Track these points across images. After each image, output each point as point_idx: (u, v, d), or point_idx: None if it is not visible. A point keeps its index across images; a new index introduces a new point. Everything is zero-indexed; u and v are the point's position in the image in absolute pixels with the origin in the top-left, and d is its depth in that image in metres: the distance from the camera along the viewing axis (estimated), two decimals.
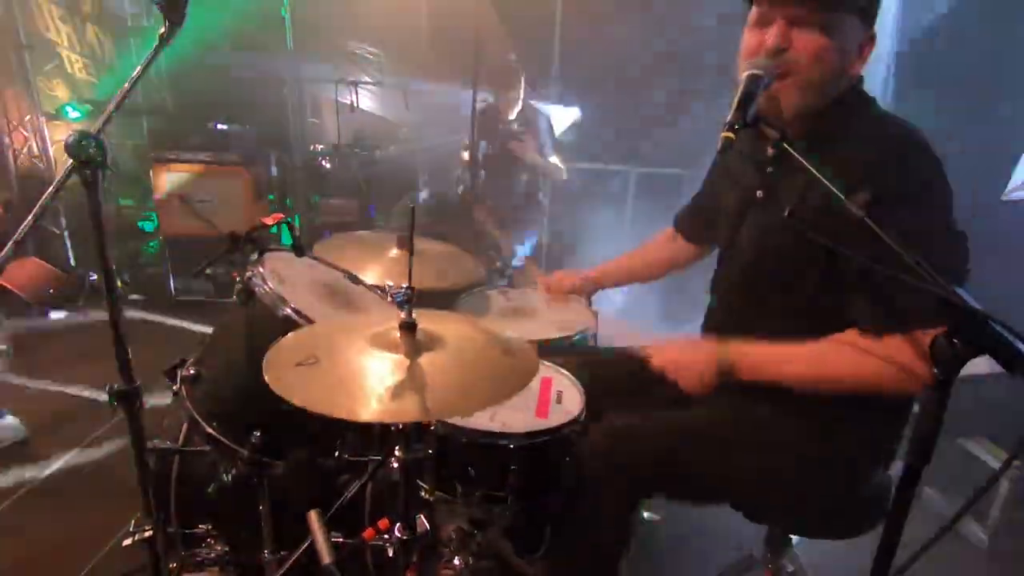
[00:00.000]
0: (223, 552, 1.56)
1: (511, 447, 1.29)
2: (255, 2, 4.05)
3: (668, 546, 1.89)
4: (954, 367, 0.77)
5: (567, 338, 1.72)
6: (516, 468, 1.29)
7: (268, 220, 1.40)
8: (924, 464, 0.83)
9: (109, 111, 1.00)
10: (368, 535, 1.23)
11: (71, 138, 0.92)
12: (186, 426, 1.52)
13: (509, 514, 1.34)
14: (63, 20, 4.23)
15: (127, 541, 1.19)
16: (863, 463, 1.28)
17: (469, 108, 3.32)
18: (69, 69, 4.35)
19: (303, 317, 1.30)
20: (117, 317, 1.05)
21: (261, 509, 1.44)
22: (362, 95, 4.26)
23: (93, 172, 0.95)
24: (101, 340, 1.04)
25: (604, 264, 1.94)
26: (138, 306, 3.74)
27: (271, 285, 1.33)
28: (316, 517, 1.19)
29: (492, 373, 1.04)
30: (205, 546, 1.57)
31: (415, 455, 1.13)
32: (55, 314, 3.58)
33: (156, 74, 4.44)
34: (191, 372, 1.41)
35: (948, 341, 0.77)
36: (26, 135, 4.00)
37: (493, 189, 3.62)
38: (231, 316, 1.43)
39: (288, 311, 1.30)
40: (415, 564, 1.23)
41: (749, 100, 1.00)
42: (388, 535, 1.19)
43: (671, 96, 4.20)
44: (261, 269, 1.37)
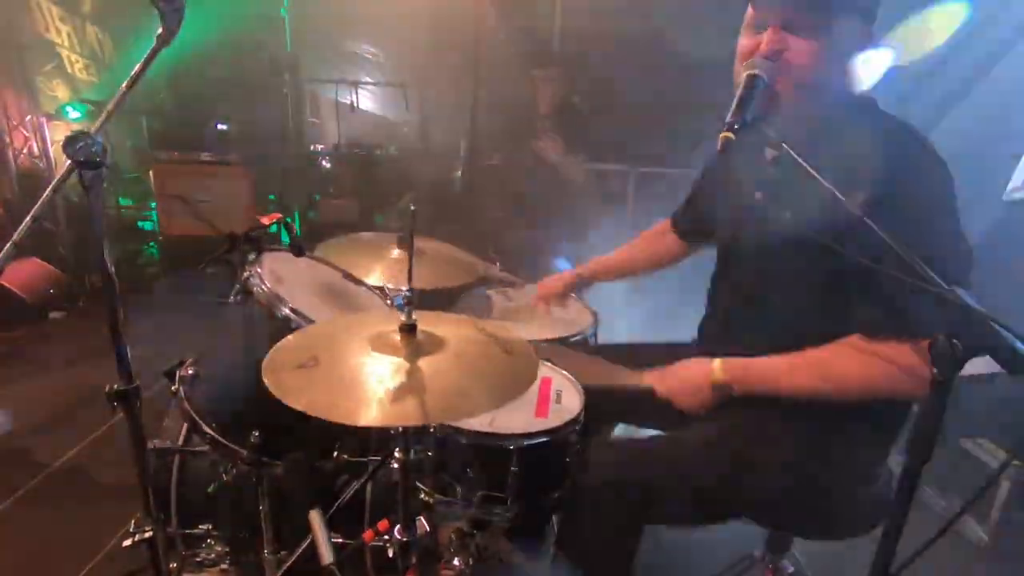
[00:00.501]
0: (223, 552, 1.56)
1: (511, 448, 1.28)
2: (255, 2, 4.05)
3: (668, 546, 1.89)
4: (954, 367, 0.77)
5: (567, 338, 1.72)
6: (516, 469, 1.29)
7: (266, 220, 1.40)
8: (924, 464, 0.83)
9: (109, 111, 1.00)
10: (368, 537, 1.23)
11: (70, 138, 0.92)
12: (186, 426, 1.52)
13: (509, 515, 1.34)
14: (63, 20, 4.23)
15: (127, 541, 1.19)
16: (862, 464, 1.27)
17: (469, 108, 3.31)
18: (69, 69, 4.35)
19: (301, 317, 1.29)
20: (116, 317, 1.05)
21: (261, 509, 1.44)
22: (362, 95, 4.26)
23: (92, 172, 0.95)
24: (100, 340, 1.04)
25: (594, 260, 1.92)
26: (137, 306, 3.74)
27: (269, 285, 1.33)
28: (317, 517, 1.19)
29: (492, 375, 1.04)
30: (205, 546, 1.57)
31: (415, 456, 1.13)
32: (55, 314, 3.59)
33: (156, 74, 4.43)
34: (190, 372, 1.41)
35: (948, 341, 0.77)
36: (26, 135, 4.00)
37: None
38: (230, 316, 1.43)
39: (286, 311, 1.30)
40: (415, 565, 1.23)
41: (748, 100, 1.00)
42: (388, 536, 1.19)
43: (672, 95, 4.19)
44: (259, 269, 1.37)
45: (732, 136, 0.95)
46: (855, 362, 1.11)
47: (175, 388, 1.43)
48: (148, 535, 1.18)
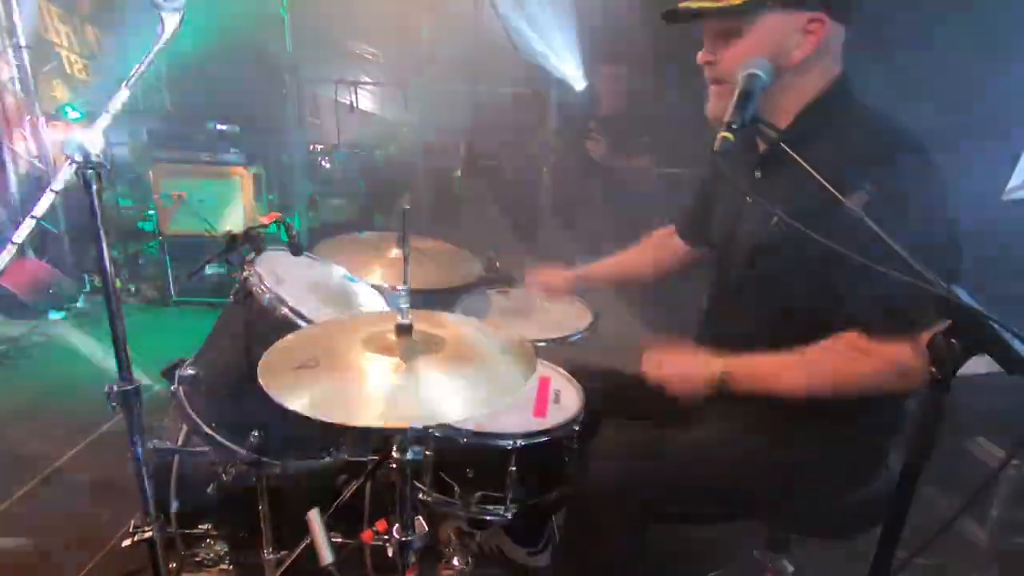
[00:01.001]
0: (223, 552, 1.56)
1: (509, 447, 1.28)
2: (255, 2, 4.05)
3: (668, 546, 1.89)
4: (952, 366, 0.77)
5: (567, 338, 1.72)
6: (514, 468, 1.29)
7: (265, 219, 1.40)
8: (923, 463, 0.83)
9: (108, 111, 1.00)
10: (367, 537, 1.23)
11: (70, 139, 0.92)
12: (186, 426, 1.52)
13: (508, 514, 1.34)
14: (62, 20, 4.23)
15: (127, 541, 1.19)
16: (861, 464, 1.27)
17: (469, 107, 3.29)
18: (68, 69, 4.35)
19: (300, 317, 1.29)
20: (116, 317, 1.05)
21: (261, 509, 1.44)
22: (362, 95, 4.26)
23: (92, 172, 0.95)
24: (100, 340, 1.04)
25: (595, 263, 1.87)
26: (137, 306, 3.74)
27: (268, 285, 1.33)
28: (316, 517, 1.19)
29: (490, 376, 1.04)
30: (205, 546, 1.57)
31: (413, 456, 1.13)
32: (55, 314, 3.59)
33: (156, 74, 4.44)
34: (189, 372, 1.41)
35: (946, 340, 0.77)
36: (25, 135, 4.00)
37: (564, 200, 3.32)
38: (229, 316, 1.43)
39: (286, 310, 1.30)
40: (414, 565, 1.23)
41: (747, 100, 1.00)
42: (387, 536, 1.19)
43: (673, 95, 4.17)
44: (259, 269, 1.37)
45: (731, 137, 0.95)
46: (846, 361, 1.11)
47: (175, 388, 1.43)
48: (148, 535, 1.18)
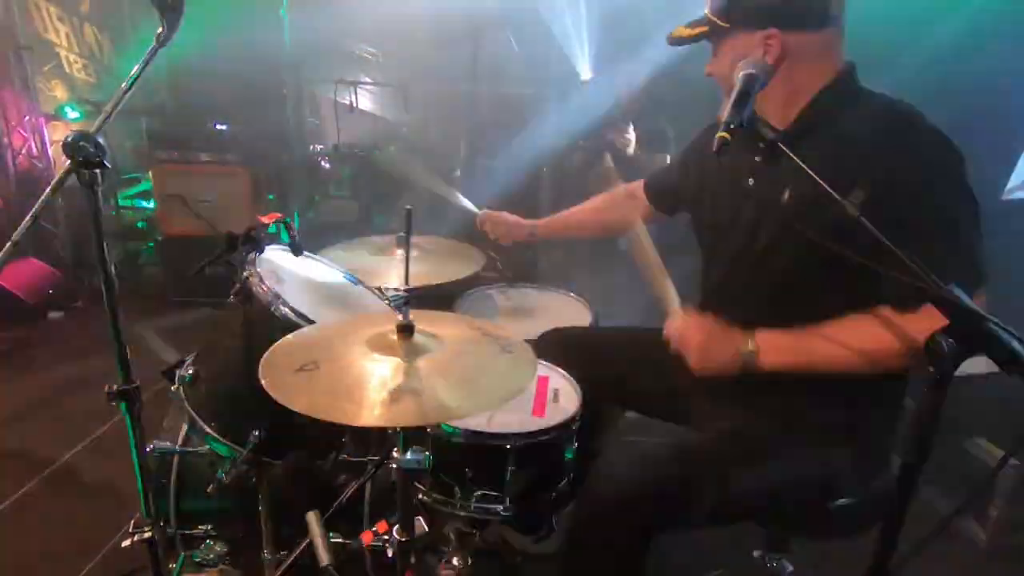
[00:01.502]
0: (223, 552, 1.56)
1: (508, 447, 1.29)
2: (255, 2, 4.05)
3: (668, 546, 1.89)
4: (951, 366, 0.77)
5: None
6: (513, 468, 1.29)
7: (265, 219, 1.40)
8: (922, 463, 0.83)
9: (108, 111, 1.00)
10: (366, 539, 1.24)
11: (69, 138, 0.92)
12: (185, 426, 1.52)
13: (507, 514, 1.34)
14: (61, 20, 4.23)
15: (127, 541, 1.19)
16: (861, 463, 1.28)
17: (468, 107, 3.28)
18: (68, 69, 4.35)
19: (301, 317, 1.30)
20: (116, 317, 1.05)
21: (261, 509, 1.44)
22: (361, 95, 4.26)
23: (92, 172, 0.95)
24: (100, 340, 1.04)
25: (550, 218, 1.93)
26: (137, 306, 3.74)
27: (269, 285, 1.33)
28: (315, 518, 1.19)
29: (490, 375, 1.04)
30: (205, 546, 1.57)
31: (413, 456, 1.13)
32: (55, 314, 3.59)
33: (155, 74, 4.43)
34: (189, 372, 1.42)
35: (945, 340, 0.77)
36: (25, 135, 4.00)
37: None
38: (229, 316, 1.43)
39: (286, 311, 1.30)
40: (414, 565, 1.23)
41: (745, 99, 1.00)
42: (387, 537, 1.19)
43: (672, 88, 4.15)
44: (259, 269, 1.37)
45: (728, 136, 0.95)
46: (884, 334, 1.09)
47: (175, 388, 1.43)
48: (148, 535, 1.18)
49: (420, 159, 4.14)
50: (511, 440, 1.29)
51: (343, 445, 1.50)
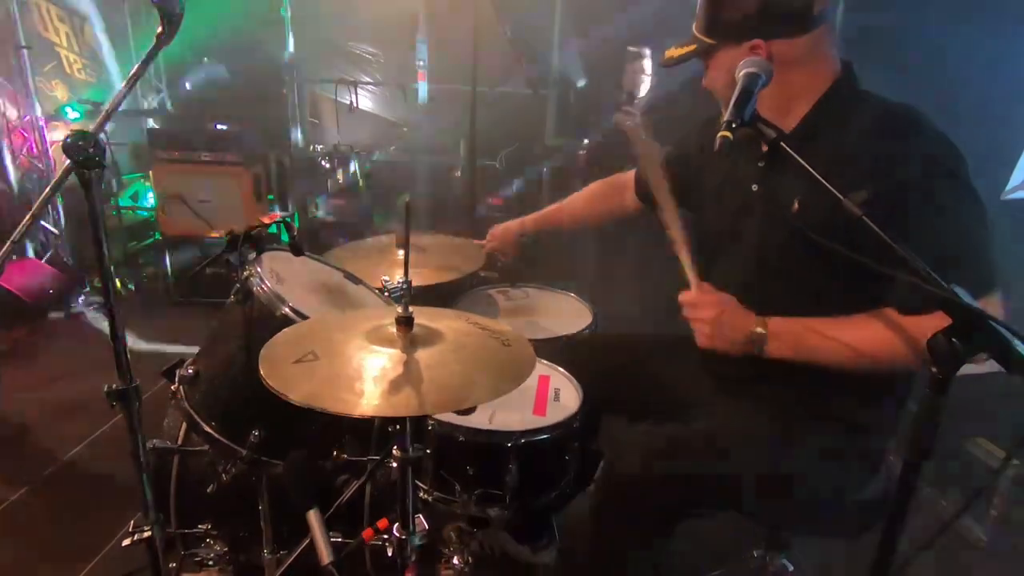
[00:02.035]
0: (223, 552, 1.56)
1: (509, 445, 1.29)
2: (255, 2, 4.05)
3: (668, 546, 1.89)
4: (953, 366, 0.77)
5: (567, 337, 1.72)
6: (515, 467, 1.29)
7: (266, 219, 1.40)
8: (923, 463, 0.83)
9: (107, 111, 1.00)
10: (367, 536, 1.24)
11: (69, 138, 0.92)
12: (185, 426, 1.52)
13: (508, 513, 1.34)
14: (61, 20, 4.23)
15: (127, 541, 1.19)
16: (862, 463, 1.28)
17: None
18: (68, 69, 4.34)
19: (301, 316, 1.30)
20: (116, 317, 1.05)
21: (261, 509, 1.44)
22: (362, 95, 4.26)
23: (91, 172, 0.95)
24: (100, 340, 1.04)
25: (541, 212, 1.93)
26: (137, 306, 3.74)
27: (269, 284, 1.33)
28: (315, 517, 1.19)
29: (490, 367, 1.04)
30: (205, 546, 1.57)
31: (414, 455, 1.13)
32: (54, 314, 3.58)
33: (155, 74, 4.44)
34: (189, 372, 1.41)
35: (947, 340, 0.77)
36: (25, 135, 4.00)
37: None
38: (229, 316, 1.43)
39: (286, 310, 1.30)
40: (414, 564, 1.23)
41: (746, 98, 1.00)
42: (387, 535, 1.19)
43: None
44: (259, 268, 1.37)
45: (730, 136, 0.95)
46: (891, 333, 1.09)
47: (175, 388, 1.43)
48: (148, 535, 1.18)
49: (420, 159, 4.15)
50: (512, 438, 1.29)
51: (344, 444, 1.50)
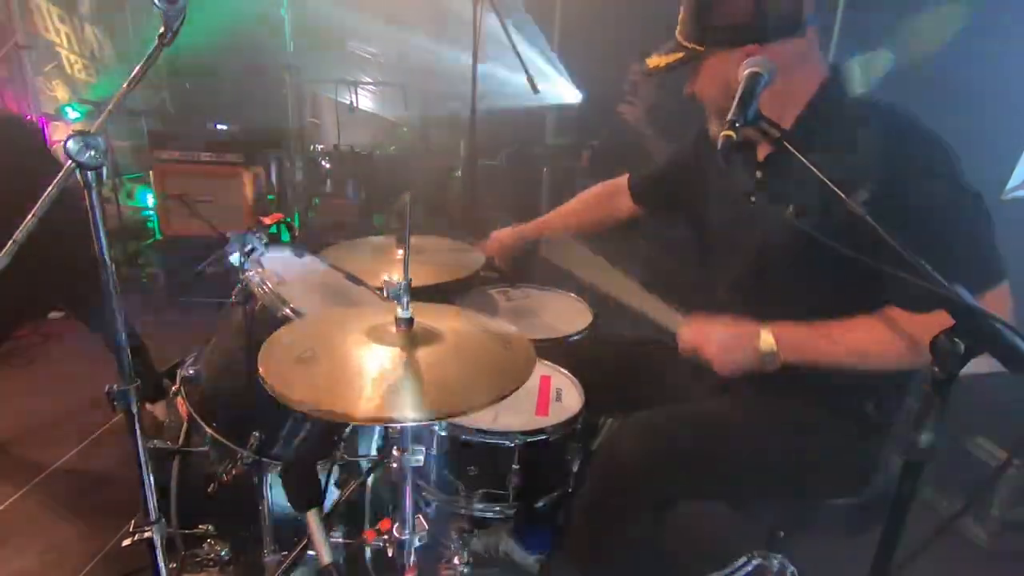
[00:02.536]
0: (223, 552, 1.56)
1: (512, 445, 1.29)
2: (255, 2, 4.06)
3: (668, 546, 1.89)
4: (955, 365, 0.77)
5: (567, 337, 1.72)
6: (517, 467, 1.29)
7: (267, 220, 1.40)
8: (924, 463, 0.83)
9: (108, 111, 1.00)
10: (369, 536, 1.23)
11: (70, 139, 0.92)
12: (186, 426, 1.52)
13: (510, 513, 1.34)
14: (61, 20, 4.23)
15: (127, 541, 1.19)
16: (862, 462, 1.28)
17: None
18: (68, 70, 4.35)
19: (301, 317, 1.29)
20: (116, 317, 1.05)
21: (261, 509, 1.44)
22: (362, 95, 4.26)
23: (92, 172, 0.95)
24: (100, 340, 1.04)
25: (538, 220, 1.92)
26: (137, 306, 3.73)
27: (270, 285, 1.33)
28: (315, 517, 1.19)
29: (491, 368, 1.04)
30: (205, 546, 1.57)
31: (415, 455, 1.13)
32: (55, 314, 3.58)
33: (155, 74, 4.44)
34: (190, 372, 1.41)
35: (949, 340, 0.77)
36: None
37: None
38: (230, 316, 1.43)
39: (287, 311, 1.30)
40: (414, 564, 1.22)
41: (750, 98, 0.99)
42: (387, 536, 1.19)
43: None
44: (260, 269, 1.37)
45: (733, 135, 0.95)
46: (897, 332, 1.09)
47: (175, 388, 1.43)
48: (148, 535, 1.18)
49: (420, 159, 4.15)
50: (515, 438, 1.29)
51: (344, 444, 1.50)
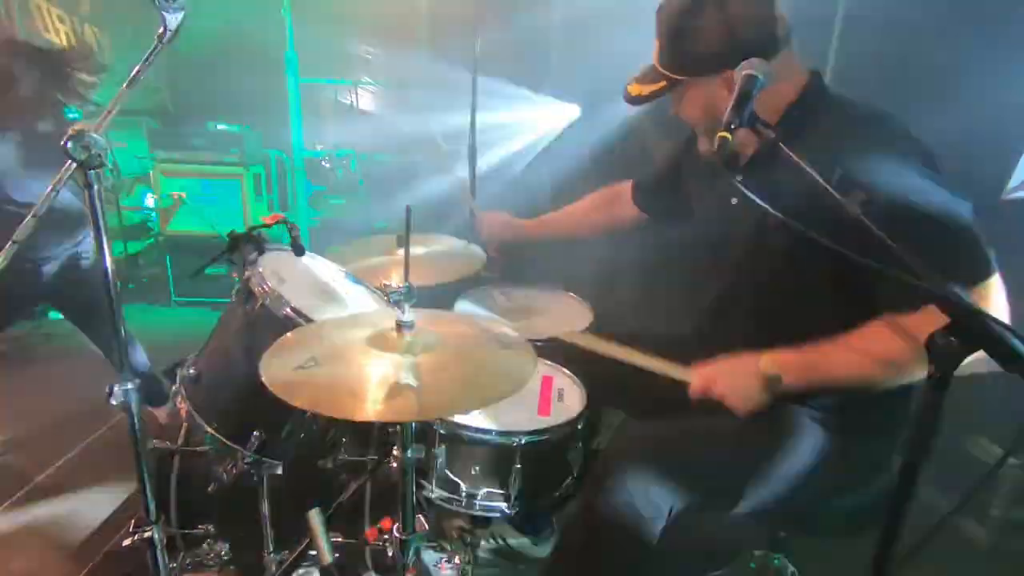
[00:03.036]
0: (223, 552, 1.57)
1: (513, 445, 1.29)
2: (255, 2, 4.06)
3: (667, 546, 1.89)
4: (951, 364, 0.77)
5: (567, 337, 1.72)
6: (519, 466, 1.30)
7: (268, 220, 1.40)
8: (923, 462, 0.83)
9: (109, 111, 1.00)
10: (371, 535, 1.24)
11: (70, 139, 0.92)
12: (186, 426, 1.52)
13: (512, 512, 1.34)
14: (61, 20, 4.23)
15: (127, 541, 1.19)
16: (863, 464, 1.28)
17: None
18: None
19: (303, 316, 1.30)
20: (116, 317, 1.05)
21: (261, 509, 1.44)
22: (362, 95, 4.27)
23: (92, 172, 0.95)
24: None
25: (541, 217, 1.95)
26: (137, 306, 3.74)
27: (270, 285, 1.33)
28: (316, 517, 1.19)
29: (491, 370, 1.04)
30: (205, 546, 1.57)
31: (415, 454, 1.13)
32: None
33: (155, 74, 4.43)
34: (191, 372, 1.41)
35: (945, 338, 0.77)
36: None
37: None
38: (231, 316, 1.43)
39: (288, 311, 1.30)
40: (415, 564, 1.23)
41: (745, 100, 1.00)
42: (387, 535, 1.19)
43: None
44: (260, 269, 1.37)
45: (729, 136, 0.95)
46: (894, 340, 1.08)
47: (176, 387, 1.43)
48: (148, 535, 1.18)
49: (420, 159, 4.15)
50: (517, 438, 1.29)
51: (345, 443, 1.50)
